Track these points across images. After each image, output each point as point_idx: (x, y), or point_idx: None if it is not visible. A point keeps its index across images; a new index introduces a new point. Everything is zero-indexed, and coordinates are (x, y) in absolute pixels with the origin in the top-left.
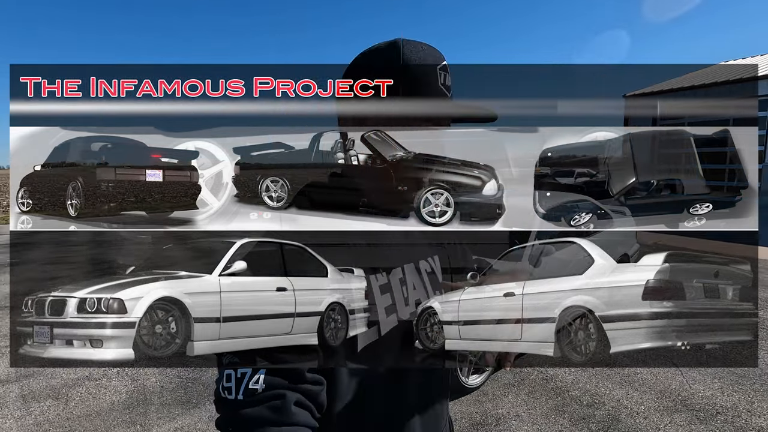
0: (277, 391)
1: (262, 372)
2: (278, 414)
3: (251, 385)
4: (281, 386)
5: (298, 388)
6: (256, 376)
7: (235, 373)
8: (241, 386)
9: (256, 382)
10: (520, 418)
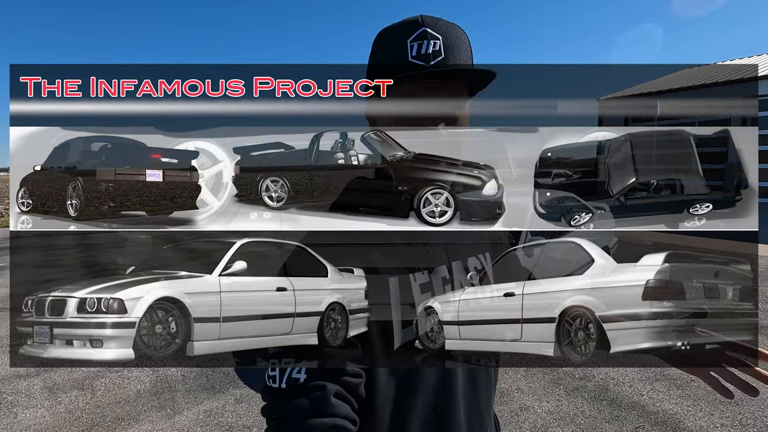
0: (317, 382)
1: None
2: (318, 405)
3: (294, 374)
4: (322, 377)
5: (337, 380)
6: (298, 366)
7: (279, 362)
8: (285, 375)
9: (299, 372)
10: (521, 390)
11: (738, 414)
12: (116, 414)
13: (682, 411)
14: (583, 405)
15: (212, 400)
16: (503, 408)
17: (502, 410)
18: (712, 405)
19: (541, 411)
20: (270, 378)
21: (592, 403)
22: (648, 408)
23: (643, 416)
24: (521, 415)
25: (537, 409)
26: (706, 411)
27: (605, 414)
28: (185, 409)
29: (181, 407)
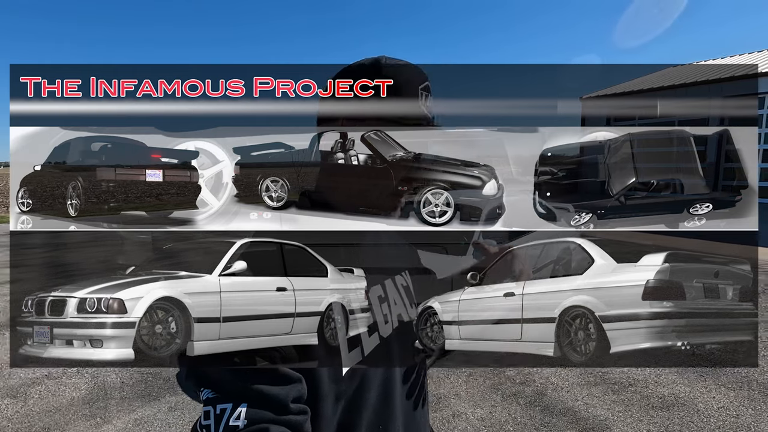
0: (260, 425)
1: (244, 406)
2: None
3: (232, 422)
4: (264, 420)
5: (281, 420)
6: (237, 411)
7: (213, 410)
8: (221, 424)
9: (237, 418)
10: (459, 396)
11: (666, 420)
12: (44, 423)
13: (613, 417)
14: (517, 411)
15: (146, 408)
16: (436, 415)
17: (434, 417)
18: (643, 411)
19: (473, 418)
20: (204, 428)
21: (526, 409)
22: (580, 414)
23: (572, 422)
24: (452, 422)
25: (470, 415)
26: (636, 417)
27: (536, 420)
28: (116, 417)
29: (112, 416)
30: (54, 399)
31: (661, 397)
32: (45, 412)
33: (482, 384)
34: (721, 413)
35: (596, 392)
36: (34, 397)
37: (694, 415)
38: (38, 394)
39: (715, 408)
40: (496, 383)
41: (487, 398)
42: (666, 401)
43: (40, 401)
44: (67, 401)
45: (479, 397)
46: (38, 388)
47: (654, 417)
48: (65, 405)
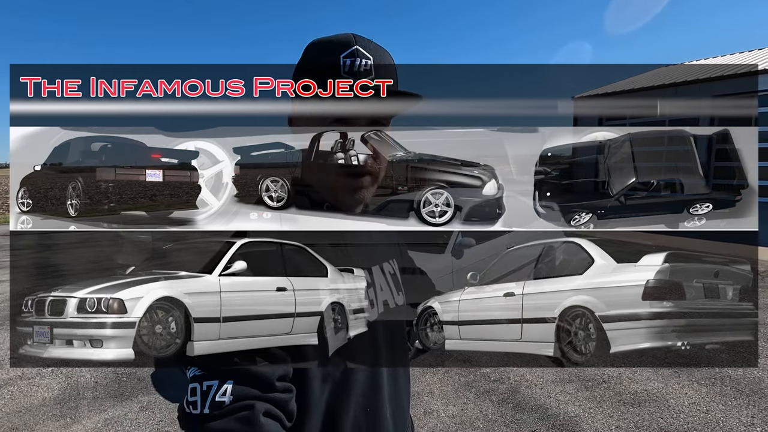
0: (245, 402)
1: (230, 383)
2: (247, 425)
3: (218, 398)
4: (250, 396)
5: (267, 397)
6: (223, 387)
7: (200, 386)
8: (207, 399)
9: (224, 394)
10: (432, 394)
11: (636, 416)
12: (12, 424)
13: (583, 413)
14: (488, 408)
15: (117, 407)
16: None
17: None
18: (614, 407)
19: (444, 415)
20: (189, 404)
21: (498, 406)
22: (551, 410)
23: (543, 419)
24: (423, 420)
25: (441, 413)
26: (606, 413)
27: (506, 417)
28: (86, 417)
29: (82, 416)
30: (25, 399)
31: (633, 394)
32: (15, 412)
33: (456, 381)
34: (691, 409)
35: (569, 389)
36: (5, 398)
37: (664, 410)
38: (10, 394)
39: (686, 404)
40: (471, 381)
41: (460, 395)
42: (638, 397)
43: (11, 401)
44: (39, 401)
45: (452, 395)
46: (10, 389)
47: (624, 413)
48: (36, 405)
